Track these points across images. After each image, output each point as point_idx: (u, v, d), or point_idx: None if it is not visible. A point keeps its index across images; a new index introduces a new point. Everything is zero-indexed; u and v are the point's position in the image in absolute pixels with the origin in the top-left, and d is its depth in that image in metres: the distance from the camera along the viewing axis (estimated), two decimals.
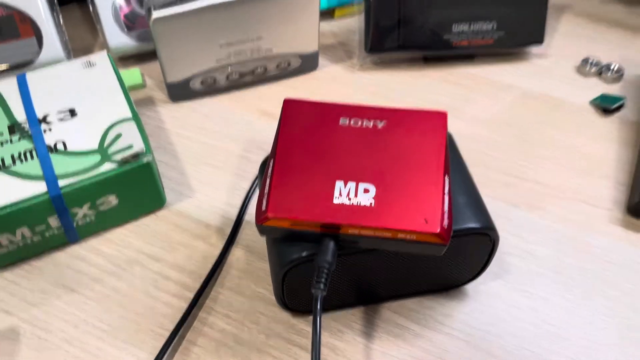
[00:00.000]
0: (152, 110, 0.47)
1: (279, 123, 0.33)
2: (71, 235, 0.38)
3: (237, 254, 0.39)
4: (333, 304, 0.35)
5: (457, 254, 0.33)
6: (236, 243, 0.39)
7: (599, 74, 0.50)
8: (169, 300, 0.36)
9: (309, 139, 0.32)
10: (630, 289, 0.37)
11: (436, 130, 0.33)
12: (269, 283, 0.37)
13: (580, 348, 0.34)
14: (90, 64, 0.41)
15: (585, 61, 0.50)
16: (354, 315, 0.36)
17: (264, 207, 0.30)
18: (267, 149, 0.45)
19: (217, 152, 0.44)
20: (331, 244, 0.30)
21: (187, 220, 0.40)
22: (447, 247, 0.29)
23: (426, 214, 0.29)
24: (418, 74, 0.51)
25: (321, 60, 0.52)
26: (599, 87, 0.49)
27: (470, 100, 0.48)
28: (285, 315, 0.36)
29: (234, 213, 0.41)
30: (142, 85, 0.48)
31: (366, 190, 0.30)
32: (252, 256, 0.38)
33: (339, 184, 0.30)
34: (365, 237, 0.29)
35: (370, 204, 0.29)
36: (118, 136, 0.37)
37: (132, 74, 0.48)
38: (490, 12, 0.48)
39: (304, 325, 0.35)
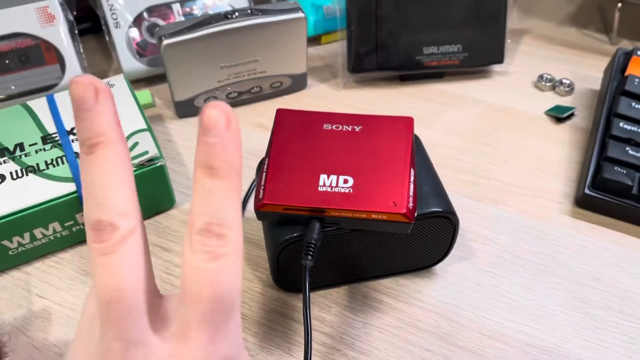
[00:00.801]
0: (162, 125, 0.54)
1: (273, 129, 0.40)
2: None
3: None
4: (321, 283, 0.41)
5: (424, 235, 0.39)
6: None
7: (553, 88, 0.57)
8: (179, 284, 0.42)
9: (298, 140, 0.38)
10: (576, 267, 0.43)
11: (404, 132, 0.39)
12: (266, 268, 0.43)
13: (533, 316, 0.40)
14: (109, 85, 0.48)
15: (541, 77, 0.57)
16: (338, 293, 0.41)
17: (261, 195, 0.36)
18: (263, 155, 0.51)
19: None
20: (317, 225, 0.36)
21: None
22: (412, 225, 0.35)
23: (395, 198, 0.35)
24: (395, 91, 0.57)
25: (310, 80, 0.58)
26: (553, 100, 0.56)
27: (441, 113, 0.55)
28: (280, 294, 0.41)
29: None
30: (152, 105, 0.55)
31: (345, 181, 0.36)
32: (250, 246, 0.44)
33: (323, 176, 0.36)
34: (345, 219, 0.35)
35: (349, 191, 0.36)
36: (135, 144, 0.43)
37: (144, 95, 0.55)
38: (455, 36, 0.55)
39: (296, 301, 0.41)
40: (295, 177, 0.36)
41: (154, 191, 0.44)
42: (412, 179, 0.37)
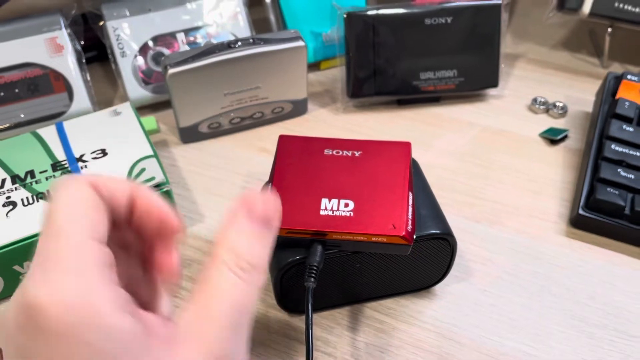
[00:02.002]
0: (166, 151, 0.55)
1: (275, 155, 0.41)
2: None
3: None
4: (323, 305, 0.42)
5: (423, 256, 0.40)
6: None
7: (547, 111, 0.58)
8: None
9: (299, 166, 0.40)
10: (572, 286, 0.44)
11: (402, 157, 0.40)
12: (270, 290, 0.44)
13: (531, 335, 0.41)
14: (116, 113, 0.49)
15: (534, 100, 0.59)
16: (341, 314, 0.43)
17: None
18: (265, 178, 0.52)
19: (223, 184, 0.52)
20: (319, 248, 0.37)
21: (198, 241, 0.48)
22: (411, 247, 0.37)
23: (394, 221, 0.37)
24: (393, 114, 0.59)
25: (310, 105, 0.60)
26: (546, 122, 0.58)
27: (438, 135, 0.57)
28: (283, 316, 0.42)
29: None
30: (157, 130, 0.56)
31: (346, 205, 0.38)
32: None
33: (325, 200, 0.38)
34: (346, 241, 0.37)
35: (350, 214, 0.37)
36: (142, 170, 0.45)
37: (149, 121, 0.56)
38: (451, 62, 0.57)
39: (298, 323, 0.42)
40: (297, 201, 0.38)
41: None
42: (410, 202, 0.38)
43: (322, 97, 0.61)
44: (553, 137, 0.55)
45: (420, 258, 0.40)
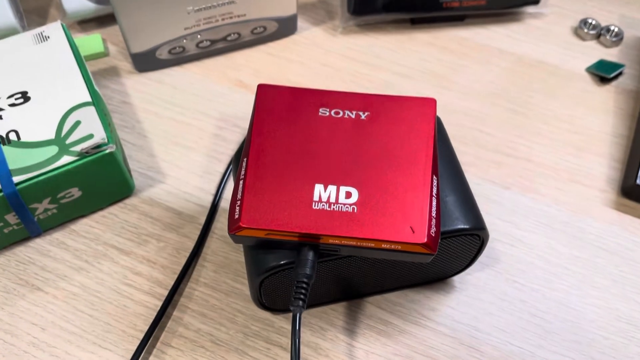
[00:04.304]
0: (116, 82, 0.44)
1: (253, 113, 0.30)
2: (33, 229, 0.35)
3: (212, 245, 0.36)
4: (314, 301, 0.34)
5: (444, 252, 0.31)
6: (211, 233, 0.37)
7: (598, 37, 0.47)
8: (141, 299, 0.34)
9: (285, 133, 0.29)
10: (619, 277, 0.35)
11: (424, 122, 0.30)
12: (246, 284, 0.35)
13: (569, 343, 0.33)
14: (43, 38, 0.37)
15: (583, 22, 0.47)
16: (335, 311, 0.34)
17: (236, 215, 0.27)
18: (243, 125, 0.41)
19: (189, 130, 0.41)
20: (310, 254, 0.27)
21: (157, 208, 0.38)
22: (433, 255, 0.27)
23: (412, 222, 0.27)
24: (404, 37, 0.47)
25: (300, 21, 0.47)
26: (596, 52, 0.46)
27: (461, 68, 0.45)
28: (263, 313, 0.34)
29: (208, 200, 0.38)
30: (104, 54, 0.44)
31: (348, 195, 0.28)
32: (228, 247, 0.36)
33: (319, 187, 0.28)
34: (346, 246, 0.27)
35: (353, 209, 0.27)
36: (77, 123, 0.34)
37: (93, 41, 0.44)
38: None
39: (283, 323, 0.34)
40: (282, 188, 0.28)
41: (104, 181, 0.35)
42: (434, 191, 0.28)
43: (315, 11, 0.49)
44: (604, 74, 0.44)
45: (440, 253, 0.31)
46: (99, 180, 0.35)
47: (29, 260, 0.36)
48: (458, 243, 0.31)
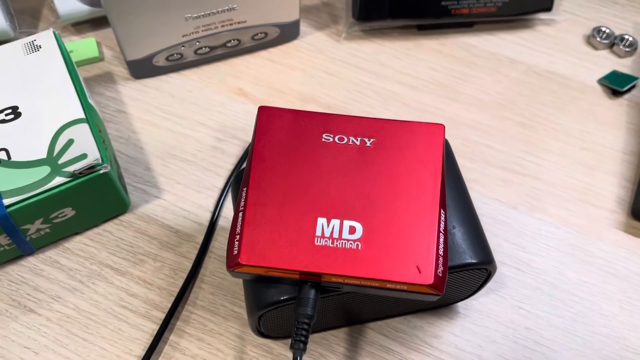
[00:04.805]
0: (112, 89, 0.42)
1: (253, 138, 0.29)
2: (25, 248, 0.34)
3: (210, 266, 0.35)
4: (314, 328, 0.33)
5: (450, 283, 0.30)
6: (209, 253, 0.36)
7: (611, 46, 0.45)
8: (136, 322, 0.33)
9: (287, 161, 0.28)
10: (627, 304, 0.35)
11: (431, 150, 0.29)
12: (243, 306, 0.34)
13: None
14: (34, 47, 0.35)
15: (597, 31, 0.45)
16: (336, 337, 0.33)
17: (235, 251, 0.26)
18: (242, 137, 0.40)
19: (186, 142, 0.40)
20: (312, 293, 0.26)
21: (154, 225, 0.37)
22: (440, 295, 0.26)
23: (419, 260, 0.26)
24: (410, 44, 0.45)
25: (303, 25, 0.46)
26: (608, 62, 0.44)
27: (468, 77, 0.44)
28: (262, 339, 0.33)
29: (206, 217, 0.37)
30: (99, 59, 0.43)
31: (352, 230, 0.26)
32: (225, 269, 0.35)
33: (322, 221, 0.27)
34: (349, 284, 0.26)
35: (357, 246, 0.26)
36: (70, 142, 0.32)
37: (87, 45, 0.42)
38: None
39: (282, 349, 0.33)
40: (283, 222, 0.26)
41: (99, 200, 0.34)
42: (442, 226, 0.27)
43: (318, 14, 0.47)
44: (616, 88, 0.42)
45: (446, 284, 0.30)
46: (93, 200, 0.34)
47: (22, 280, 0.35)
48: (465, 275, 0.30)
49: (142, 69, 0.41)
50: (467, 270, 0.29)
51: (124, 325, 0.33)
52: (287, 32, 0.43)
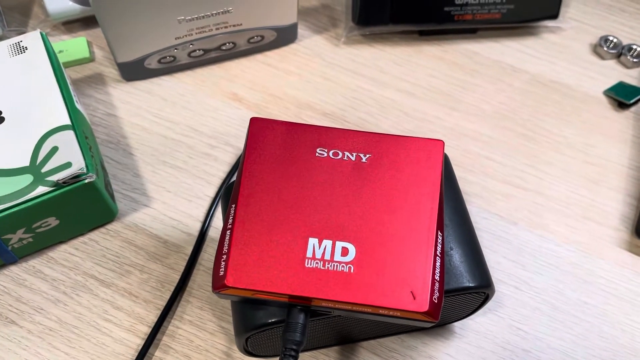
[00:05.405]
0: (102, 91, 0.41)
1: (244, 150, 0.28)
2: (7, 257, 0.33)
3: (198, 279, 0.34)
4: (306, 347, 0.32)
5: (445, 305, 0.29)
6: (198, 265, 0.35)
7: (618, 56, 0.44)
8: (121, 336, 0.32)
9: (278, 177, 0.27)
10: (628, 327, 0.33)
11: (430, 167, 0.27)
12: (230, 323, 0.33)
13: None
14: (20, 49, 0.34)
15: (604, 40, 0.43)
16: (327, 357, 0.32)
17: (222, 272, 0.25)
18: (235, 144, 0.39)
19: (177, 148, 0.39)
20: (301, 317, 0.25)
21: (141, 235, 0.35)
22: (435, 322, 0.25)
23: (413, 286, 0.25)
24: (411, 50, 0.44)
25: (300, 28, 0.44)
26: (615, 72, 0.43)
27: (470, 86, 0.42)
28: (250, 358, 0.32)
29: (196, 227, 0.36)
30: (90, 59, 0.41)
31: (344, 251, 0.25)
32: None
33: (313, 241, 0.25)
34: (340, 309, 0.25)
35: (349, 269, 0.25)
36: (54, 150, 0.31)
37: (77, 45, 0.41)
38: None
39: None
40: (273, 242, 0.25)
41: (84, 210, 0.33)
42: (439, 250, 0.26)
43: (317, 17, 0.45)
44: (623, 100, 0.41)
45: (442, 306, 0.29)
46: (78, 209, 0.32)
47: (4, 290, 0.33)
48: (462, 298, 0.28)
49: (134, 71, 0.40)
50: (464, 294, 0.28)
51: (107, 339, 0.32)
52: (285, 36, 0.42)
